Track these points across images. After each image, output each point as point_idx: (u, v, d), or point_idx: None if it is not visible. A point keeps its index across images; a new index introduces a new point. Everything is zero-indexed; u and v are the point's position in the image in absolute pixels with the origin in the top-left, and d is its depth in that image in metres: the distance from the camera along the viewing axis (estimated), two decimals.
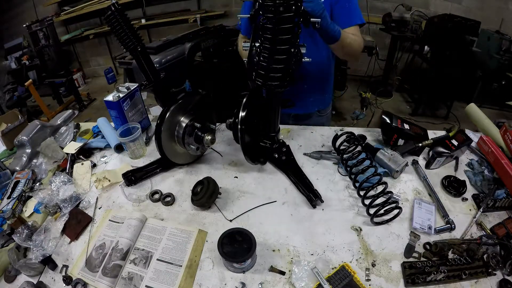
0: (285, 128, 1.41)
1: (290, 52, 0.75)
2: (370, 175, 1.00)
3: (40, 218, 1.05)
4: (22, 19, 4.60)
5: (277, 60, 0.76)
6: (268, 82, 0.81)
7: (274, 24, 0.70)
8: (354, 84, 4.32)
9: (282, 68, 0.78)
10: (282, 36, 0.71)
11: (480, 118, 1.31)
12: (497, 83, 3.35)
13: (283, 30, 0.70)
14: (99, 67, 5.55)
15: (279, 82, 0.81)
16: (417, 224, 0.93)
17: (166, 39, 1.19)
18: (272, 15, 0.69)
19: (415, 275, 0.79)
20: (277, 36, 0.71)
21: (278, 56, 0.75)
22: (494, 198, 0.99)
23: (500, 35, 3.26)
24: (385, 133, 1.23)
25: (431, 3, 3.91)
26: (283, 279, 0.83)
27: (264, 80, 0.82)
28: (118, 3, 0.93)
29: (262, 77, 0.81)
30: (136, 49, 0.98)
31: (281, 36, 0.71)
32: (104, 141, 1.39)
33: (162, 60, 1.10)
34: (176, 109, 1.09)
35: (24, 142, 1.33)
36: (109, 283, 0.83)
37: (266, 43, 0.74)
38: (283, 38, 0.72)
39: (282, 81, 0.81)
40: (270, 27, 0.71)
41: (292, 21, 0.70)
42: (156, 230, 0.97)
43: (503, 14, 3.48)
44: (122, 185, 1.15)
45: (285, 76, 0.80)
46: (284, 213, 1.02)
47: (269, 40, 0.73)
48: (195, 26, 4.42)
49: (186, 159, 1.22)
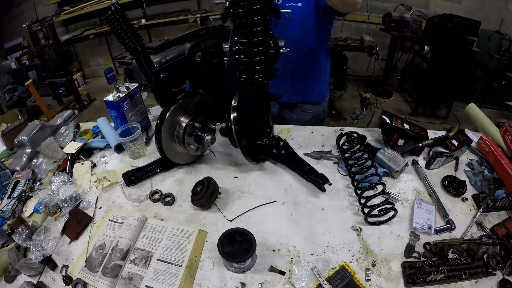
0: (285, 128, 1.41)
1: (267, 43, 0.81)
2: (369, 175, 1.00)
3: (40, 218, 1.05)
4: (22, 19, 4.60)
5: (256, 53, 0.81)
6: (252, 76, 0.86)
7: (247, 18, 0.75)
8: (354, 84, 4.33)
9: (262, 60, 0.83)
10: (255, 28, 0.77)
11: (480, 118, 1.31)
12: (497, 83, 3.36)
13: (255, 22, 0.76)
14: (99, 67, 5.55)
15: (262, 74, 0.86)
16: (417, 224, 0.93)
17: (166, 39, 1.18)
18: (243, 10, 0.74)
19: (415, 275, 0.79)
20: (251, 28, 0.77)
21: (256, 48, 0.80)
22: (494, 198, 0.99)
23: (500, 35, 3.26)
24: (385, 133, 1.23)
25: (431, 3, 3.91)
26: (283, 279, 0.83)
27: (248, 76, 0.86)
28: (118, 3, 0.93)
29: (245, 73, 0.86)
30: (136, 49, 0.97)
31: (255, 28, 0.77)
32: (104, 141, 1.39)
33: (162, 60, 1.09)
34: (176, 109, 1.09)
35: (24, 142, 1.33)
36: (109, 283, 0.83)
37: (243, 39, 0.80)
38: (256, 30, 0.77)
39: (264, 73, 0.86)
40: (243, 21, 0.76)
41: (262, 13, 0.75)
42: (156, 230, 0.97)
43: (503, 14, 3.48)
44: (122, 185, 1.15)
45: (266, 68, 0.86)
46: (284, 213, 1.02)
47: (244, 35, 0.78)
48: (195, 26, 4.42)
49: (186, 159, 1.22)
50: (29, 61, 4.42)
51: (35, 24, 3.99)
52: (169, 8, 4.90)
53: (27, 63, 4.37)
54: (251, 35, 0.78)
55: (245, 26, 0.77)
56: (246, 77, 0.87)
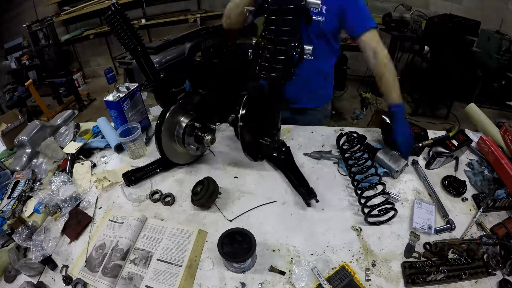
0: (285, 128, 1.41)
1: (290, 44, 0.81)
2: (369, 175, 1.00)
3: (40, 218, 1.05)
4: (22, 19, 4.60)
5: (279, 51, 0.81)
6: (271, 73, 0.86)
7: (277, 15, 0.76)
8: (354, 84, 4.32)
9: (283, 60, 0.83)
10: (284, 28, 0.77)
11: (480, 118, 1.31)
12: (497, 83, 3.35)
13: (285, 21, 0.76)
14: (99, 67, 5.54)
15: (280, 73, 0.86)
16: (417, 224, 0.93)
17: (166, 39, 1.19)
18: (275, 7, 0.74)
19: (415, 275, 0.79)
20: (279, 27, 0.77)
21: (279, 47, 0.81)
22: (494, 198, 0.99)
23: (500, 35, 3.26)
24: (385, 133, 1.24)
25: (431, 3, 3.90)
26: (283, 279, 0.83)
27: (267, 72, 0.87)
28: (118, 3, 0.93)
29: (265, 68, 0.87)
30: (136, 49, 0.98)
31: (283, 27, 0.77)
32: (104, 141, 1.39)
33: (162, 60, 1.09)
34: (176, 109, 1.09)
35: (24, 142, 1.33)
36: (109, 283, 0.83)
37: (270, 35, 0.80)
38: (284, 29, 0.77)
39: (283, 72, 0.86)
40: (273, 18, 0.76)
41: (292, 13, 0.75)
42: (156, 230, 0.97)
43: (503, 14, 3.48)
44: (122, 185, 1.15)
45: (286, 68, 0.86)
46: (284, 213, 1.02)
47: (272, 32, 0.79)
48: (195, 26, 4.42)
49: (186, 159, 1.22)
50: (29, 61, 4.42)
51: (35, 24, 3.99)
52: (169, 8, 4.89)
53: (27, 63, 4.38)
54: (278, 33, 0.78)
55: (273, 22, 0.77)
56: (265, 73, 0.87)
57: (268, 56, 0.84)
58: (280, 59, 0.83)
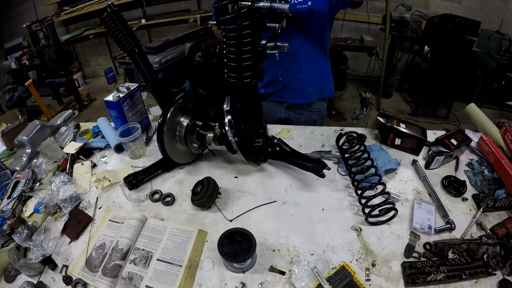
0: (285, 128, 1.41)
1: (255, 51, 0.84)
2: (369, 175, 1.00)
3: (40, 218, 1.05)
4: (22, 19, 4.61)
5: (245, 59, 0.84)
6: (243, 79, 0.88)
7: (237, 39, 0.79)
8: (354, 84, 4.32)
9: (250, 65, 0.86)
10: (245, 48, 0.81)
11: (480, 118, 1.31)
12: (497, 83, 3.35)
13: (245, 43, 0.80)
14: (99, 67, 5.55)
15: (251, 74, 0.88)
16: (417, 224, 0.93)
17: (166, 39, 1.19)
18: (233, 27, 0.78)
19: (415, 275, 0.79)
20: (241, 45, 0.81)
21: (244, 55, 0.83)
22: (494, 198, 0.99)
23: (500, 35, 3.26)
24: (382, 133, 1.25)
25: (431, 3, 3.91)
26: (283, 279, 0.83)
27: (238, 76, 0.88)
28: (114, 4, 0.93)
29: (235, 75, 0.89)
30: (133, 50, 0.97)
31: (244, 48, 0.81)
32: (104, 141, 1.39)
33: (162, 60, 1.09)
34: (177, 109, 1.09)
35: (24, 142, 1.33)
36: (109, 283, 0.83)
37: (233, 49, 0.83)
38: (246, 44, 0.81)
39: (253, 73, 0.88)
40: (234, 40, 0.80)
41: (251, 35, 0.79)
42: (156, 230, 0.97)
43: (503, 14, 3.48)
44: (122, 185, 1.15)
45: (255, 69, 0.88)
46: (284, 213, 1.02)
47: (235, 46, 0.82)
48: (195, 26, 4.43)
49: (187, 158, 1.22)
50: (29, 61, 4.42)
51: (35, 24, 4.00)
52: (169, 8, 4.89)
53: (27, 63, 4.37)
54: (240, 45, 0.81)
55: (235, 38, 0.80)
56: (236, 80, 0.88)
57: (233, 65, 0.85)
58: (247, 65, 0.84)
